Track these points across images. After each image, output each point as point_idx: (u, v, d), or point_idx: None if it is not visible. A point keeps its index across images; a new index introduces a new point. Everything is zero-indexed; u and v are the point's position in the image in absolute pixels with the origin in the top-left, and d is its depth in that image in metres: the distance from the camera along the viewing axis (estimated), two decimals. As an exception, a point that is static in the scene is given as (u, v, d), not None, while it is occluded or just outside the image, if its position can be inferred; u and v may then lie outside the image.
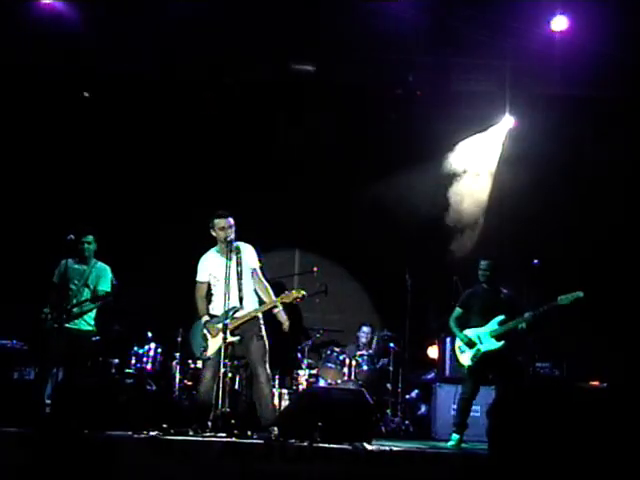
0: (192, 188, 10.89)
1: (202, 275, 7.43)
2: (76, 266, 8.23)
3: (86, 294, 8.16)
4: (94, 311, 8.21)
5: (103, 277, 8.26)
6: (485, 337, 8.22)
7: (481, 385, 8.39)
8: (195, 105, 10.73)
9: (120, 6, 9.40)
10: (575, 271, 9.88)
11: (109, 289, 8.21)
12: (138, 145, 10.77)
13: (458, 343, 8.43)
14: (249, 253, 7.37)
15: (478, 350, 8.21)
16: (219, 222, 7.27)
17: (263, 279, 7.38)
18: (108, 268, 8.34)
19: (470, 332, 8.33)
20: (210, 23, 9.47)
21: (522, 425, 1.88)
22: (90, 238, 8.28)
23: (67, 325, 7.97)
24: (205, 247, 7.58)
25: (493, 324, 8.22)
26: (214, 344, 7.20)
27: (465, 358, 8.31)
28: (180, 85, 10.53)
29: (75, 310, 8.01)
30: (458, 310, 8.60)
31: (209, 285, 7.40)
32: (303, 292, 7.16)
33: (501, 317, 8.20)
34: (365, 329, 10.47)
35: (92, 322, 8.19)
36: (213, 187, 10.81)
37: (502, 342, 8.16)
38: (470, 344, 8.25)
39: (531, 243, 10.01)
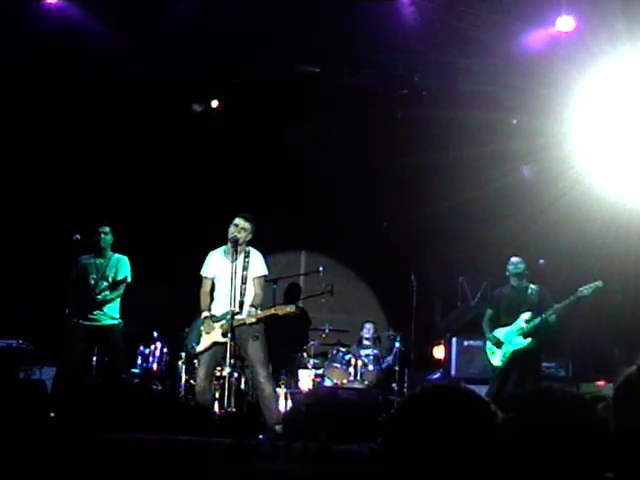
0: (199, 188, 10.92)
1: (206, 270, 7.45)
2: (92, 260, 8.18)
3: (104, 287, 8.13)
4: (117, 303, 8.15)
5: (121, 267, 8.17)
6: (513, 336, 8.18)
7: (506, 385, 8.27)
8: (202, 105, 10.75)
9: (125, 5, 9.42)
10: (580, 270, 9.86)
11: (129, 278, 8.16)
12: (145, 145, 10.79)
13: (488, 344, 8.40)
14: (257, 261, 7.36)
15: (507, 350, 8.18)
16: (235, 220, 7.29)
17: (259, 289, 7.32)
18: (126, 258, 8.26)
19: (499, 332, 8.31)
20: (216, 23, 9.48)
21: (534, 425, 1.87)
22: (107, 229, 8.21)
23: (88, 323, 7.95)
24: (212, 246, 7.59)
25: (520, 322, 8.18)
26: (206, 341, 7.22)
27: (495, 359, 8.27)
28: (186, 85, 10.55)
29: (99, 298, 7.97)
30: (489, 311, 8.62)
31: (214, 283, 7.40)
32: (295, 309, 7.17)
33: (527, 315, 8.15)
34: (368, 326, 10.47)
35: (116, 315, 8.11)
36: (220, 187, 10.84)
37: (530, 340, 8.11)
38: (498, 344, 8.22)
39: (536, 243, 9.99)
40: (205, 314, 7.30)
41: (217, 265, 7.37)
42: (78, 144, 10.62)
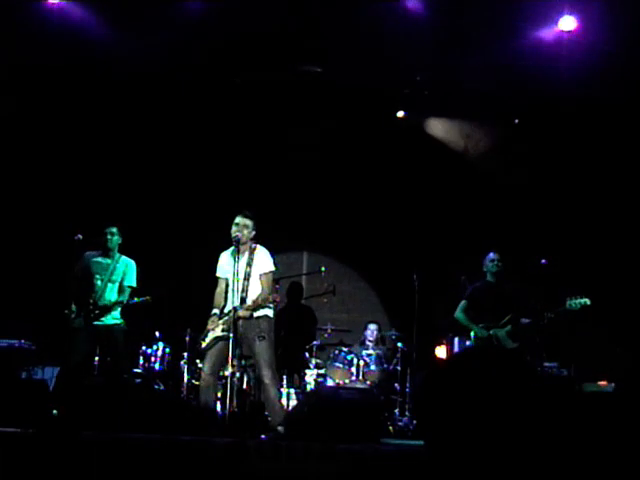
0: (201, 189, 10.92)
1: (218, 271, 7.47)
2: (99, 259, 8.12)
3: (110, 289, 8.07)
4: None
5: (129, 272, 8.14)
6: (502, 336, 8.14)
7: None
8: (204, 105, 10.75)
9: (128, 6, 9.42)
10: (583, 270, 9.86)
11: (135, 284, 8.15)
12: (149, 146, 10.80)
13: (473, 335, 8.34)
14: (262, 257, 7.35)
15: (500, 348, 8.13)
16: (236, 218, 7.30)
17: (265, 286, 7.29)
18: (134, 264, 8.22)
19: (486, 328, 8.26)
20: (218, 23, 9.48)
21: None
22: (114, 229, 8.15)
23: (93, 323, 7.96)
24: (214, 246, 7.59)
25: (506, 323, 8.14)
26: (209, 337, 7.23)
27: None
28: (189, 85, 10.54)
29: (107, 304, 7.97)
30: (465, 302, 8.51)
31: (227, 282, 7.40)
32: (276, 297, 7.18)
33: (513, 316, 8.11)
34: (372, 327, 10.46)
35: (119, 315, 8.10)
36: (222, 188, 10.84)
37: (518, 342, 8.09)
38: (488, 341, 8.17)
39: (539, 242, 9.99)
40: (213, 311, 7.32)
41: (226, 265, 7.38)
42: (80, 144, 10.62)
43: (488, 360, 1.93)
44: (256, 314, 7.13)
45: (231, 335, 6.94)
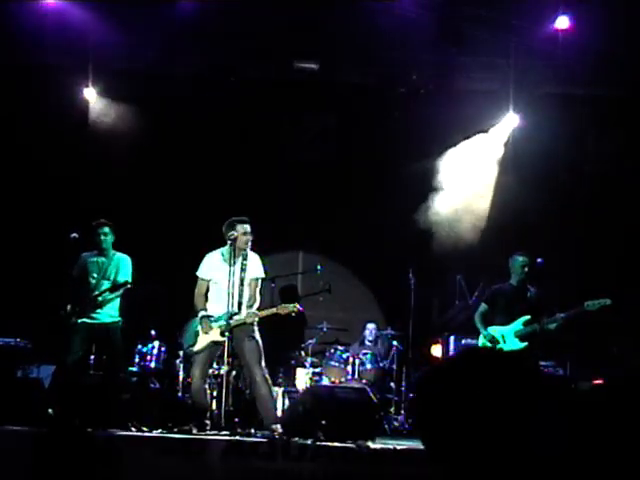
0: (196, 189, 10.90)
1: (204, 272, 7.43)
2: (94, 259, 8.13)
3: (105, 287, 8.10)
4: (117, 302, 8.11)
5: (122, 267, 8.13)
6: (509, 336, 8.11)
7: None
8: (199, 104, 10.74)
9: (125, 5, 9.42)
10: (579, 270, 9.87)
11: (129, 278, 8.15)
12: (146, 145, 10.78)
13: (482, 340, 8.34)
14: (255, 262, 7.36)
15: (500, 349, 8.11)
16: (243, 227, 7.26)
17: (255, 291, 7.32)
18: (128, 258, 8.21)
19: (495, 330, 8.25)
20: (214, 21, 9.48)
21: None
22: (107, 229, 8.12)
23: (89, 320, 7.96)
24: (209, 246, 7.58)
25: (518, 324, 8.10)
26: (203, 340, 7.22)
27: None
28: (184, 83, 10.54)
29: (99, 299, 7.98)
30: (484, 306, 8.47)
31: (209, 284, 7.40)
32: (297, 307, 7.19)
33: (526, 317, 8.07)
34: (370, 326, 10.46)
35: (115, 313, 8.09)
36: (217, 188, 10.82)
37: (525, 343, 8.06)
38: (492, 342, 8.15)
39: (535, 242, 9.99)
40: (202, 313, 7.30)
41: (215, 267, 7.36)
42: (77, 143, 10.61)
43: (486, 360, 1.92)
44: (248, 319, 7.15)
45: (227, 334, 6.97)
